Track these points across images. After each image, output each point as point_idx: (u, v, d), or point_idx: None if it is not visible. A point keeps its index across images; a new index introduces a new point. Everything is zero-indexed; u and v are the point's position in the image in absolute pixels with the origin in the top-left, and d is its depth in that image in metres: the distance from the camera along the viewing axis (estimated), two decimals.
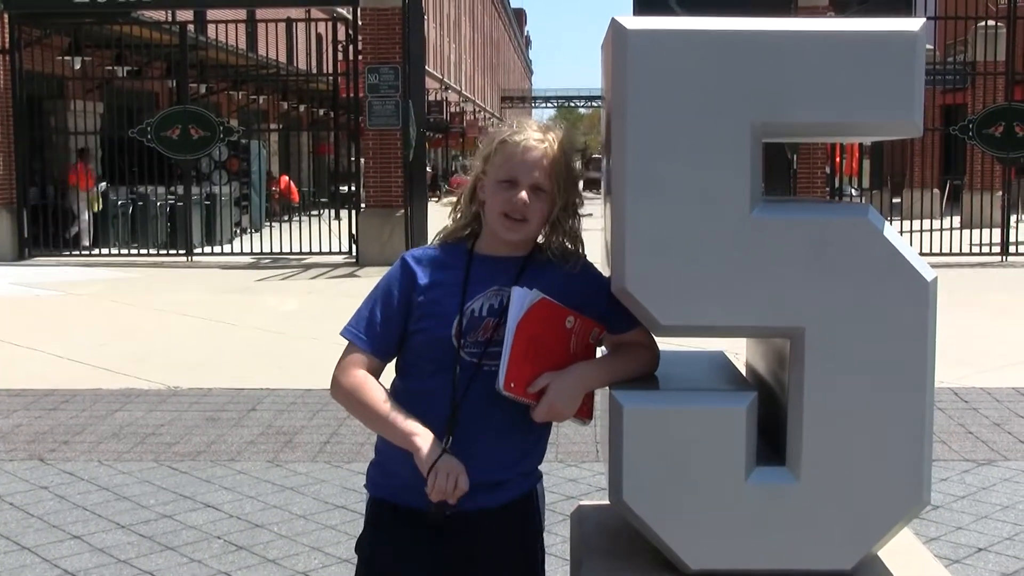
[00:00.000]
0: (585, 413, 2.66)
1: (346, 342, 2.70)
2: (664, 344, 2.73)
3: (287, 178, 31.34)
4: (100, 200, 21.27)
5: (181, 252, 19.78)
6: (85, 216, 21.03)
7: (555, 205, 2.64)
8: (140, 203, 21.47)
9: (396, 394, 2.68)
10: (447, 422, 2.57)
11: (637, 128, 2.50)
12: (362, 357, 2.67)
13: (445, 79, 67.89)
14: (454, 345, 2.59)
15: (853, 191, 27.37)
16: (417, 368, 2.66)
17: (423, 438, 2.55)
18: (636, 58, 2.49)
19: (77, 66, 21.25)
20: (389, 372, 2.74)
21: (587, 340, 2.67)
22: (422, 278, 2.65)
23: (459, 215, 2.75)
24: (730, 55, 2.48)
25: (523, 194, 2.58)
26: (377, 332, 2.66)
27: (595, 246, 2.81)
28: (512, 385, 2.53)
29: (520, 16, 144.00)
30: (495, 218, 2.62)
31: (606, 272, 2.70)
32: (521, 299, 2.54)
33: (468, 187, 2.72)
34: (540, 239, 2.70)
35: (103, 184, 21.41)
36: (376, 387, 2.65)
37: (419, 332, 2.63)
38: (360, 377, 2.65)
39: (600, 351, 2.76)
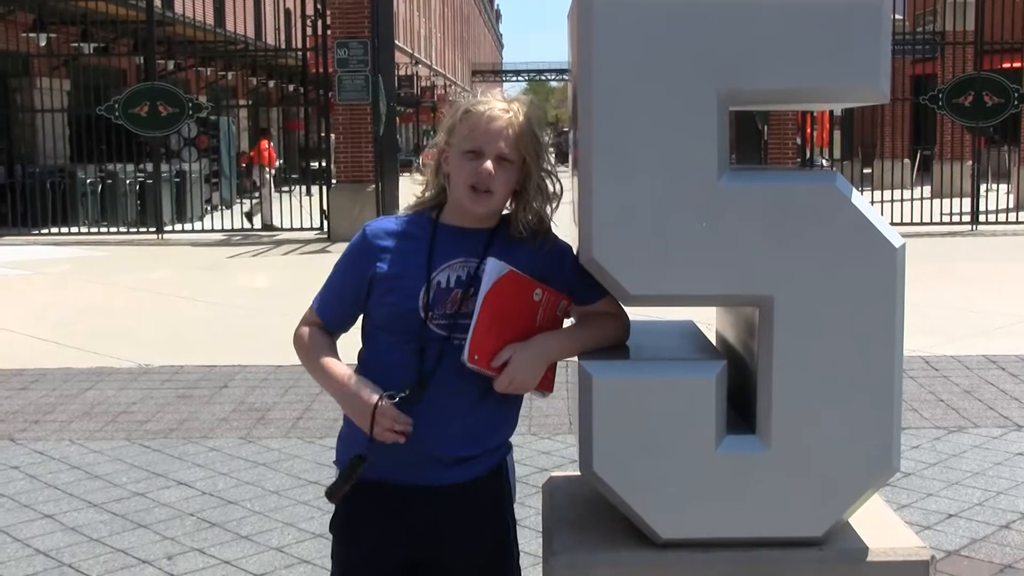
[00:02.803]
0: (546, 385, 2.65)
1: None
2: (633, 314, 2.72)
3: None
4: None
5: (151, 230, 19.65)
6: (267, 191, 21.18)
7: (521, 176, 2.61)
8: (109, 181, 21.30)
9: (362, 364, 2.67)
10: (413, 389, 2.56)
11: (603, 97, 2.49)
12: (317, 321, 2.74)
13: (415, 53, 67.56)
14: (421, 317, 2.57)
15: (824, 161, 27.44)
16: (382, 339, 2.63)
17: (358, 387, 2.57)
18: (601, 26, 2.47)
19: (42, 43, 21.04)
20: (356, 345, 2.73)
21: (554, 313, 2.65)
22: (383, 250, 2.62)
23: (427, 190, 2.73)
24: (695, 22, 2.47)
25: (488, 164, 2.55)
26: (332, 306, 2.72)
27: (565, 218, 2.79)
28: (476, 357, 2.52)
29: None
30: (461, 190, 2.59)
31: (575, 243, 2.69)
32: (491, 271, 2.53)
33: (433, 160, 2.69)
34: (506, 212, 2.68)
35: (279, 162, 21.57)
36: (322, 344, 2.71)
37: (384, 304, 2.60)
38: (312, 332, 2.73)
39: (569, 323, 2.75)
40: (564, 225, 2.86)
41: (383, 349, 2.63)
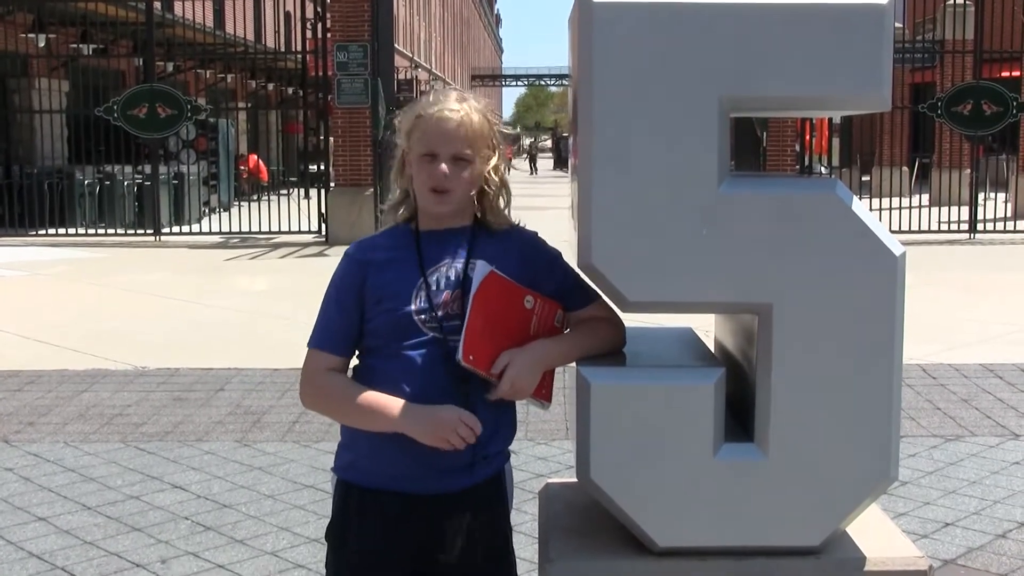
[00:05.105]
0: (545, 396, 2.63)
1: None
2: (631, 320, 2.71)
3: (256, 157, 31.07)
4: None
5: (149, 232, 19.63)
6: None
7: (482, 170, 2.61)
8: (107, 182, 21.29)
9: (358, 375, 2.65)
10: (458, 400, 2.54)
11: (603, 103, 2.48)
12: (324, 359, 2.65)
13: (415, 57, 67.61)
14: (415, 321, 2.56)
15: (823, 169, 27.47)
16: (380, 348, 2.61)
17: (422, 407, 2.52)
18: (602, 32, 2.46)
19: (42, 44, 21.04)
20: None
21: (551, 323, 2.64)
22: (371, 262, 2.62)
23: (395, 194, 2.73)
24: (697, 28, 2.46)
25: (443, 166, 2.55)
26: (333, 335, 2.64)
27: (562, 225, 2.78)
28: (471, 358, 2.50)
29: None
30: (423, 193, 2.60)
31: (572, 249, 2.67)
32: (480, 271, 2.53)
33: (396, 164, 2.70)
34: (479, 214, 2.68)
35: None
36: (344, 381, 2.63)
37: (380, 314, 2.59)
38: (325, 376, 2.63)
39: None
40: (561, 230, 2.85)
41: (380, 357, 2.60)
